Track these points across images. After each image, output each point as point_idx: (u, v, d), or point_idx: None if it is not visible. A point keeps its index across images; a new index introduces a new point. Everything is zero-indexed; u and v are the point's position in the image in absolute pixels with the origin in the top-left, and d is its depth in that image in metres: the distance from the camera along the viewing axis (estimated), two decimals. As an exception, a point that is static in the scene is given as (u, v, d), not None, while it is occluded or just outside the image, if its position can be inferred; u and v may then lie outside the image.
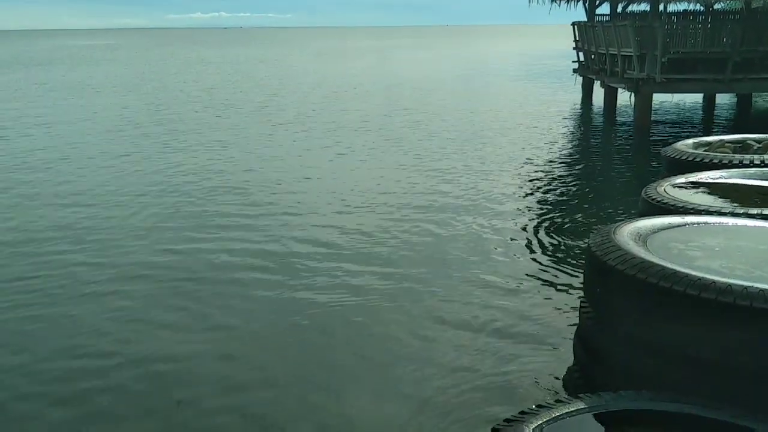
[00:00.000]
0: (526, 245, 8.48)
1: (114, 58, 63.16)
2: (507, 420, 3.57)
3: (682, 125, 18.44)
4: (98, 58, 63.13)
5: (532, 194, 11.07)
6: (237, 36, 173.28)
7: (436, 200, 10.72)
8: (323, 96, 27.16)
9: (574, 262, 7.70)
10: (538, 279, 7.33)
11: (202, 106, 23.96)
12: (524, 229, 9.13)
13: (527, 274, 7.45)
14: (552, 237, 8.74)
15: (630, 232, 4.80)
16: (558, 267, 7.65)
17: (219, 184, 12.04)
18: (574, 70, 24.47)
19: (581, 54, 23.69)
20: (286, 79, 36.29)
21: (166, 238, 9.03)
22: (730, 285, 3.86)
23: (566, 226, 9.24)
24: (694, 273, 4.01)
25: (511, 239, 8.71)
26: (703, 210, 5.64)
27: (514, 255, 8.12)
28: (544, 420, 3.53)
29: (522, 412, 3.63)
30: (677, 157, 7.78)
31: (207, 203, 10.81)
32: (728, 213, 5.55)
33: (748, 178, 6.82)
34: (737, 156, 7.58)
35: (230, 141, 16.70)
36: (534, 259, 7.95)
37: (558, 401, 3.75)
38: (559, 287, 7.07)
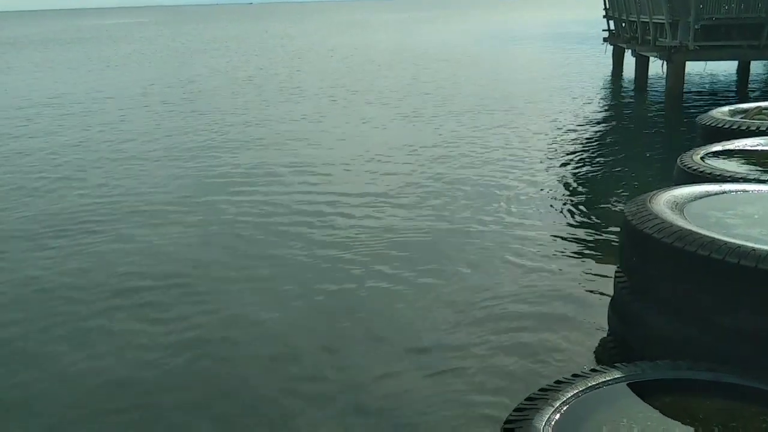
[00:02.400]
0: (558, 214, 8.42)
1: (157, 36, 63.44)
2: (542, 389, 3.56)
3: (716, 94, 18.09)
4: (151, 36, 63.67)
5: (563, 163, 10.97)
6: (261, 12, 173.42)
7: (466, 168, 10.77)
8: (356, 67, 27.20)
9: (608, 231, 7.63)
10: (571, 248, 7.28)
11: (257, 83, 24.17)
12: (556, 197, 9.07)
13: (560, 244, 7.40)
14: (585, 206, 8.66)
15: (666, 201, 4.73)
16: (591, 236, 7.59)
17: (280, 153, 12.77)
18: (605, 39, 24.03)
19: (612, 22, 23.26)
20: (324, 55, 36.21)
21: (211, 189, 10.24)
22: (771, 252, 3.78)
23: (599, 195, 9.15)
24: (733, 241, 3.94)
25: (544, 208, 8.66)
26: (741, 178, 5.54)
27: (547, 224, 8.06)
28: (580, 389, 3.51)
29: (557, 381, 3.61)
30: (713, 124, 7.63)
31: (258, 164, 11.71)
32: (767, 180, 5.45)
33: (788, 145, 6.67)
34: (775, 123, 7.41)
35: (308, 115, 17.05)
36: (567, 228, 7.89)
37: (594, 370, 3.72)
38: (592, 256, 7.02)
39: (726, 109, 8.42)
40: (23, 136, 15.21)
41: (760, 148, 6.62)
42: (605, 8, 23.59)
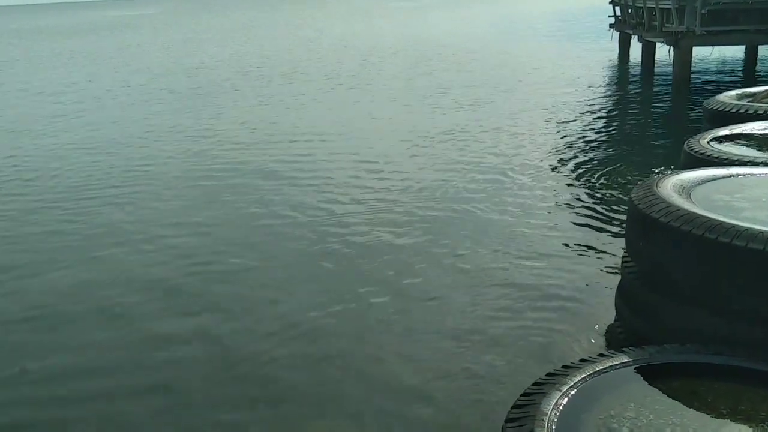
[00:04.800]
0: (565, 200, 8.41)
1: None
2: (550, 374, 3.55)
3: (723, 79, 17.97)
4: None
5: (570, 149, 10.95)
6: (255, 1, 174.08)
7: (471, 152, 10.82)
8: (360, 57, 27.23)
9: (615, 216, 7.61)
10: (578, 232, 7.28)
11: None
12: (563, 183, 9.05)
13: (567, 228, 7.41)
14: (591, 191, 8.65)
15: (673, 185, 4.70)
16: (598, 221, 7.58)
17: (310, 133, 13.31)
18: (611, 26, 23.87)
19: (618, 8, 23.11)
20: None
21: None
22: (779, 235, 3.75)
23: (605, 180, 9.13)
24: (740, 224, 3.91)
25: (550, 193, 8.65)
26: (748, 161, 5.51)
27: (554, 210, 8.06)
28: (588, 373, 3.50)
29: (565, 366, 3.60)
30: (720, 108, 7.58)
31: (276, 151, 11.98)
32: (775, 164, 5.40)
33: (795, 129, 6.62)
34: (783, 106, 7.35)
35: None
36: (573, 213, 7.89)
37: (601, 355, 3.71)
38: (599, 241, 7.01)
39: (733, 93, 8.37)
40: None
41: (767, 131, 6.57)
42: (611, -6, 23.44)
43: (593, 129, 12.47)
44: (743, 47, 20.46)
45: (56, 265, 7.33)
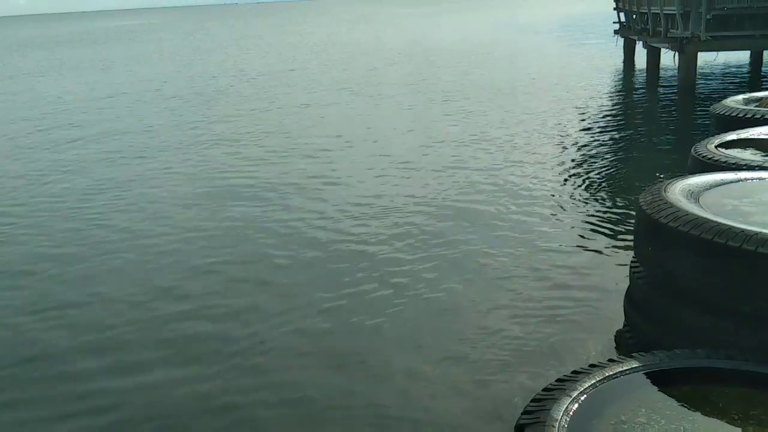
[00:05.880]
0: (572, 205, 8.39)
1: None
2: (560, 380, 3.53)
3: (729, 85, 17.94)
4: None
5: (577, 154, 10.94)
6: (273, 11, 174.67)
7: (480, 159, 10.83)
8: (367, 64, 27.33)
9: (622, 221, 7.61)
10: (586, 238, 7.27)
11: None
12: (570, 188, 9.04)
13: (575, 233, 7.40)
14: (599, 196, 8.64)
15: (682, 189, 4.69)
16: (605, 227, 7.57)
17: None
18: (616, 32, 23.87)
19: (622, 14, 23.11)
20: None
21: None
22: (788, 239, 3.73)
23: (613, 185, 9.13)
24: (750, 228, 3.90)
25: (557, 199, 8.64)
26: (756, 166, 5.49)
27: (561, 215, 8.05)
28: (598, 379, 3.49)
29: (574, 372, 3.58)
30: (727, 113, 7.56)
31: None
32: (783, 168, 5.38)
33: (803, 133, 6.59)
34: (790, 110, 7.33)
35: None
36: (581, 218, 7.88)
37: (611, 360, 3.70)
38: (607, 246, 7.00)
39: (740, 97, 8.35)
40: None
41: (775, 136, 6.55)
42: (615, 0, 23.44)
43: (600, 135, 12.46)
44: (748, 52, 20.44)
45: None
